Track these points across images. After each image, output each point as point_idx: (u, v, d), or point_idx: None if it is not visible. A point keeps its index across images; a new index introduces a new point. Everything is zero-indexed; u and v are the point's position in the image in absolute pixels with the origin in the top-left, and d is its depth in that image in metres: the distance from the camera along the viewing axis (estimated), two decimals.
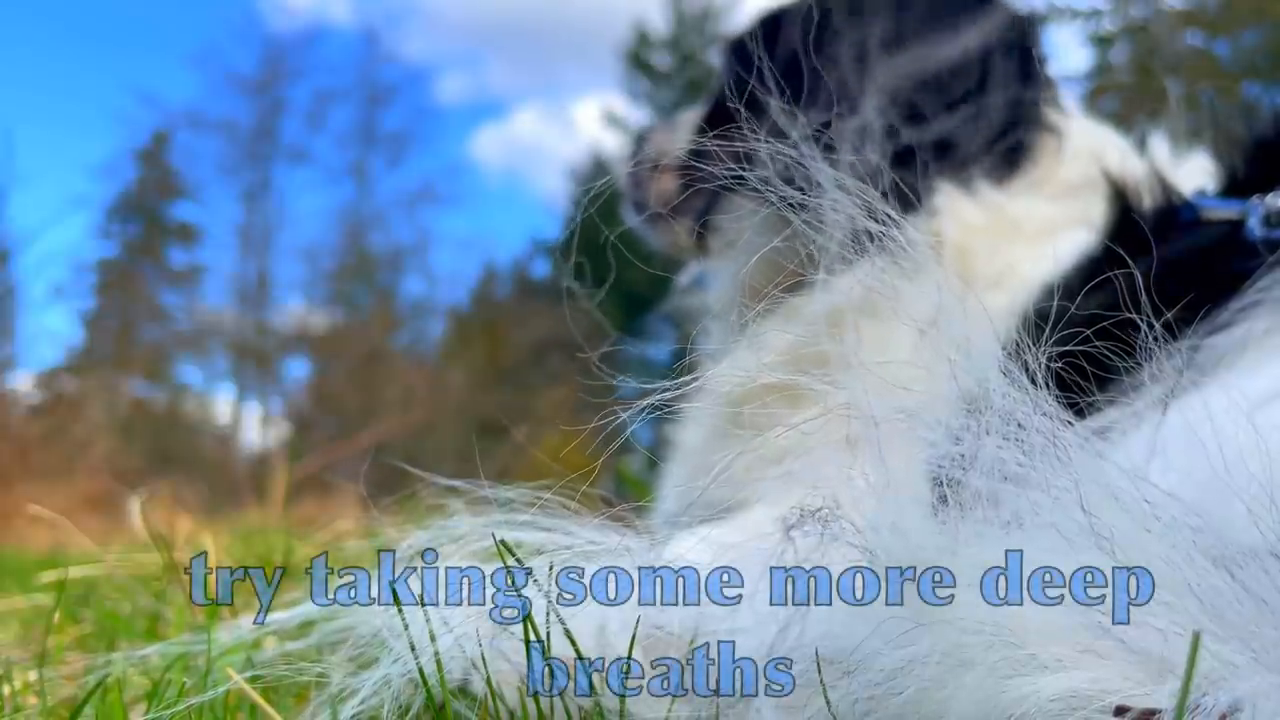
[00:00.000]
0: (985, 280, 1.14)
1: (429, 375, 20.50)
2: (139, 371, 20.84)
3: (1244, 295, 0.78)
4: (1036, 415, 0.58)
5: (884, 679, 0.55)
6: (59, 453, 12.34)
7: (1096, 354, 0.64)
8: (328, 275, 22.57)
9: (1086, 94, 6.09)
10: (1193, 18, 7.35)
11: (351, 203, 22.82)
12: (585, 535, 0.75)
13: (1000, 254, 1.16)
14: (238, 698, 0.84)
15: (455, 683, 0.75)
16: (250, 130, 21.95)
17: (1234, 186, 1.00)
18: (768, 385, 0.70)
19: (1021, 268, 1.12)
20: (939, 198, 1.20)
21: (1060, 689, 0.50)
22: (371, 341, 20.95)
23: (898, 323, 0.65)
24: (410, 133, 23.23)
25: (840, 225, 0.67)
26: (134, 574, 1.71)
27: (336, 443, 14.51)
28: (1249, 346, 0.75)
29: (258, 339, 21.65)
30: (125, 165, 21.69)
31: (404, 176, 28.53)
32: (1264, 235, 0.89)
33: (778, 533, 0.61)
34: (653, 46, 20.58)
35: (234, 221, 22.05)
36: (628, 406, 0.69)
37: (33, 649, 1.17)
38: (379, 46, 27.65)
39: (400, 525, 0.84)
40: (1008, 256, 1.16)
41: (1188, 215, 0.97)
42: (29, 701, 0.96)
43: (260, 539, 2.48)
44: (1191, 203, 0.99)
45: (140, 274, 21.40)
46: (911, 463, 0.60)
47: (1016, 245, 1.17)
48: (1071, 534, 0.53)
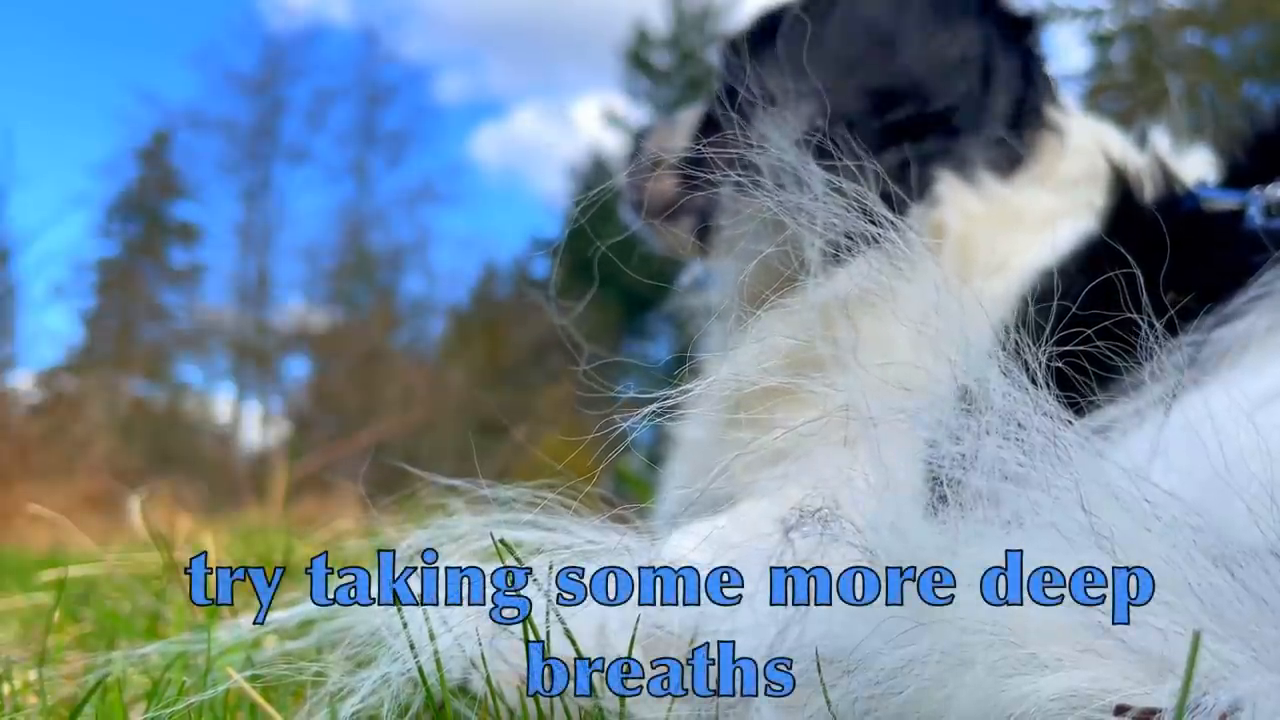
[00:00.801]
0: (985, 268, 1.15)
1: (429, 374, 20.49)
2: (139, 371, 20.84)
3: (1248, 288, 0.77)
4: (1037, 415, 0.58)
5: (884, 678, 0.55)
6: (59, 452, 12.34)
7: (1096, 352, 0.64)
8: (328, 274, 22.58)
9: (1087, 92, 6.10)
10: (1192, 17, 7.35)
11: (351, 202, 22.83)
12: (585, 535, 0.75)
13: (1001, 242, 1.17)
14: (237, 697, 0.84)
15: (455, 682, 0.75)
16: (250, 129, 21.96)
17: (1235, 179, 1.01)
18: (769, 383, 0.70)
19: (1021, 255, 1.13)
20: (941, 187, 1.21)
21: (1060, 688, 0.50)
22: (371, 341, 20.94)
23: (895, 320, 0.64)
24: (410, 132, 23.22)
25: (834, 226, 0.67)
26: (134, 573, 1.71)
27: (336, 442, 14.50)
28: (1250, 345, 0.75)
29: (258, 338, 21.64)
30: (125, 164, 21.70)
31: (404, 176, 28.49)
32: (1264, 224, 0.89)
33: (777, 533, 0.61)
34: (653, 45, 20.58)
35: (234, 221, 22.05)
36: (627, 411, 0.69)
37: (33, 648, 1.17)
38: (378, 46, 27.60)
39: (400, 524, 0.84)
40: (1009, 245, 1.17)
41: (1189, 205, 0.98)
42: (29, 700, 0.96)
43: (260, 538, 2.48)
44: (1193, 193, 0.99)
45: (140, 273, 21.40)
46: (910, 461, 0.60)
47: (1018, 234, 1.18)
48: (1072, 533, 0.53)
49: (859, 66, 1.29)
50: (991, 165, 1.23)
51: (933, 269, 0.66)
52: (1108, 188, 1.04)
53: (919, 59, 1.27)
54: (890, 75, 1.27)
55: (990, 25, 1.32)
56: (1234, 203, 0.94)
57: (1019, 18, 1.35)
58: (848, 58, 1.29)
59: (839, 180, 0.67)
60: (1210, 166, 1.11)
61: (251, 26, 32.30)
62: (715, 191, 0.72)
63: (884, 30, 1.30)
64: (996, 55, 1.29)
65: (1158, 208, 0.98)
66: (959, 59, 1.27)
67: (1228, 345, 0.76)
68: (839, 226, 0.67)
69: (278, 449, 18.57)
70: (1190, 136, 1.22)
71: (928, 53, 1.27)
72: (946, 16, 1.31)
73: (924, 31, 1.30)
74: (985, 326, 0.65)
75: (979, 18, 1.32)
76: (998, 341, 0.61)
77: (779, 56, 1.25)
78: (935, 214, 1.20)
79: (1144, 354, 0.63)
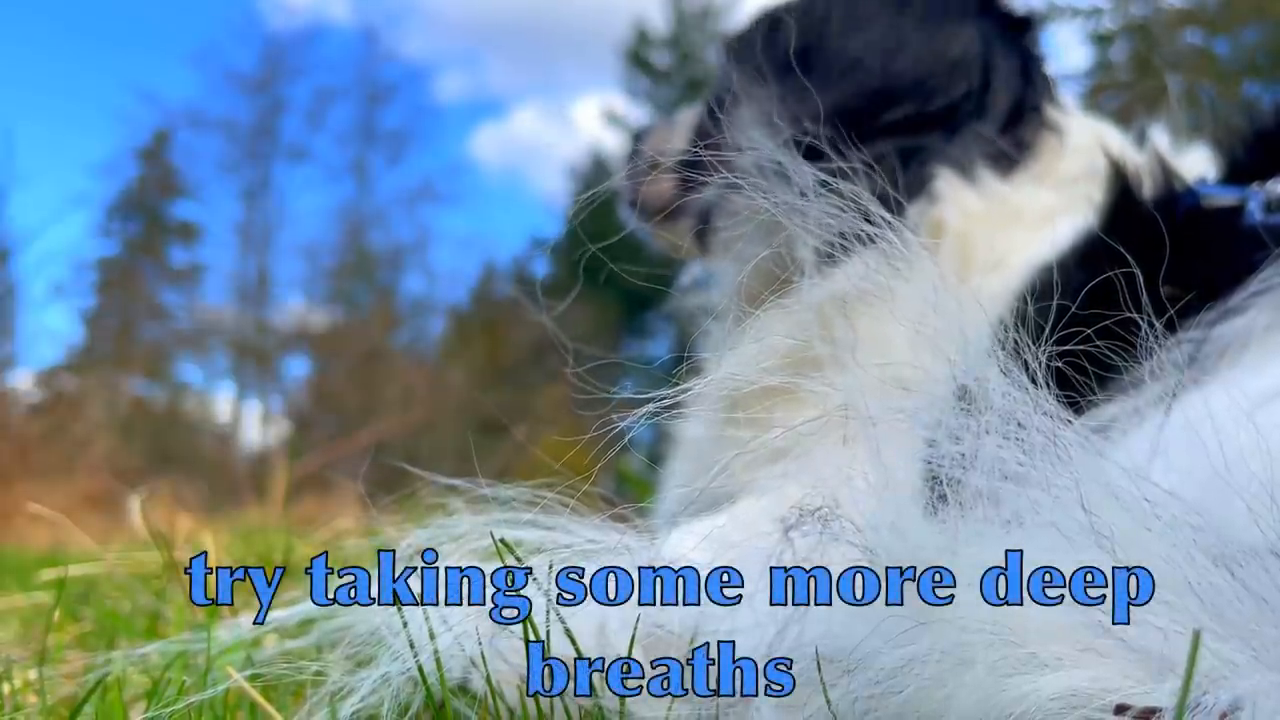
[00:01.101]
0: (984, 265, 1.16)
1: (429, 374, 20.49)
2: (139, 370, 20.83)
3: (1248, 285, 0.77)
4: (1037, 414, 0.58)
5: (884, 678, 0.54)
6: (59, 451, 12.34)
7: (1095, 351, 0.64)
8: (327, 273, 22.58)
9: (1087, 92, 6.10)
10: (1192, 16, 7.35)
11: (351, 201, 22.82)
12: (585, 534, 0.75)
13: (1000, 240, 1.18)
14: (237, 696, 0.84)
15: (455, 681, 0.75)
16: (250, 129, 21.95)
17: (1235, 176, 1.01)
18: (768, 382, 0.70)
19: (1020, 252, 1.13)
20: (940, 184, 1.22)
21: (1060, 687, 0.50)
22: (371, 340, 20.94)
23: (892, 319, 0.64)
24: (410, 131, 23.23)
25: (830, 227, 0.67)
26: (134, 572, 1.71)
27: (336, 441, 14.50)
28: (1250, 343, 0.75)
29: (258, 337, 21.64)
30: (126, 164, 21.69)
31: (404, 175, 28.54)
32: (1263, 220, 0.89)
33: (777, 532, 0.61)
34: (653, 45, 20.58)
35: (234, 220, 22.04)
36: (623, 411, 0.69)
37: (33, 647, 1.17)
38: (378, 45, 27.60)
39: (400, 524, 0.84)
40: (1007, 242, 1.17)
41: (1188, 201, 0.98)
42: (29, 700, 0.96)
43: (260, 537, 2.48)
44: (1193, 189, 1.00)
45: (140, 272, 21.39)
46: (909, 460, 0.60)
47: (1016, 231, 1.18)
48: (1072, 533, 0.53)
49: (859, 66, 1.29)
50: (991, 163, 1.24)
51: (930, 268, 0.66)
52: (1106, 184, 1.04)
53: (919, 58, 1.28)
54: (889, 75, 1.27)
55: (990, 24, 1.32)
56: (1234, 199, 0.94)
57: (1018, 17, 1.35)
58: (847, 57, 1.29)
59: (835, 181, 0.67)
60: (1209, 164, 1.11)
61: (251, 26, 32.33)
62: (712, 193, 0.72)
63: (883, 30, 1.30)
64: (996, 55, 1.29)
65: (1155, 203, 0.99)
66: (959, 58, 1.27)
67: (1227, 342, 0.76)
68: (834, 226, 0.67)
69: (278, 448, 18.57)
70: (1189, 135, 1.22)
71: (928, 52, 1.27)
72: (946, 16, 1.31)
73: (923, 31, 1.30)
74: (983, 325, 0.65)
75: (978, 17, 1.32)
76: (996, 339, 0.61)
77: (777, 57, 1.26)
78: (934, 211, 1.21)
79: (1143, 351, 0.63)
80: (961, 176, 1.23)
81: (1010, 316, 0.62)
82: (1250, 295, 0.77)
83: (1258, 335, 0.75)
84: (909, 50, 1.28)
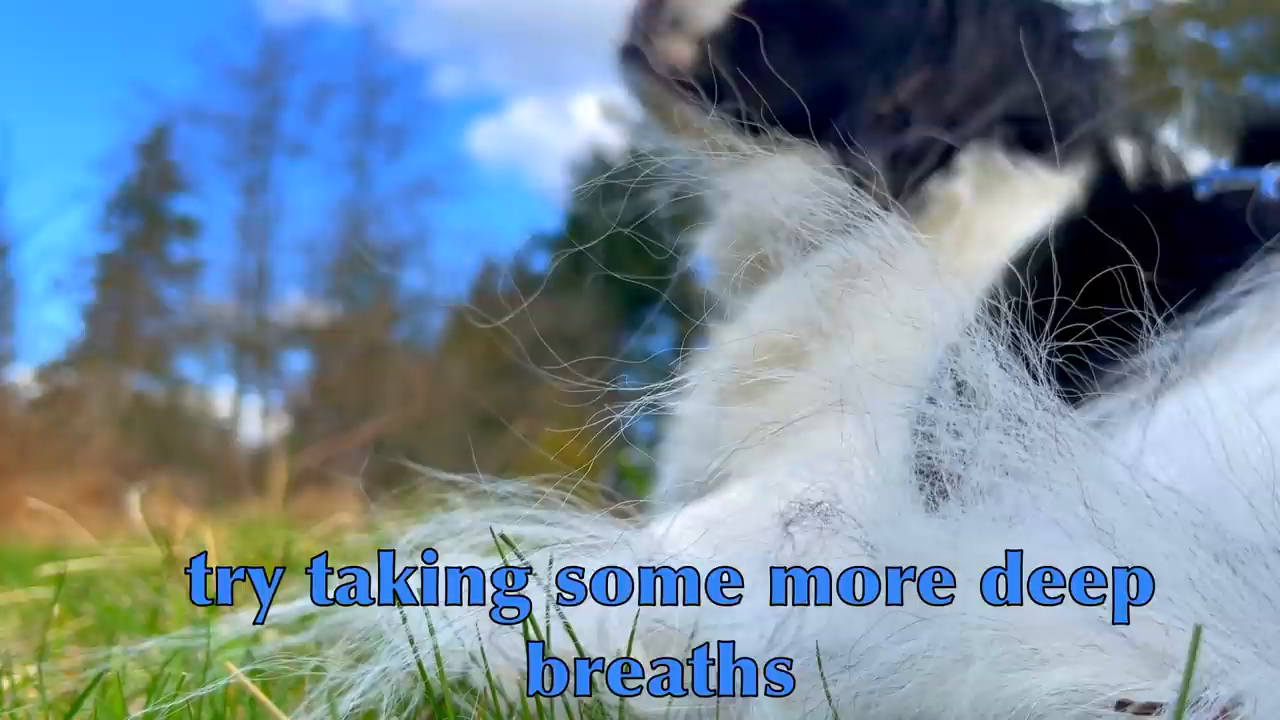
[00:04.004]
0: (979, 240, 1.21)
1: (429, 369, 20.48)
2: (139, 365, 20.81)
3: (1233, 284, 0.77)
4: (1037, 410, 0.58)
5: (885, 673, 0.54)
6: (59, 446, 12.33)
7: (1085, 341, 0.64)
8: (327, 268, 22.56)
9: None
10: (1193, 11, 7.35)
11: (350, 196, 22.79)
12: (585, 529, 0.75)
13: (997, 215, 1.23)
14: (237, 692, 0.84)
15: (455, 676, 0.75)
16: (249, 123, 21.87)
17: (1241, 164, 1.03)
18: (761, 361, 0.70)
19: (1013, 227, 1.18)
20: (963, 159, 1.27)
21: (1061, 683, 0.50)
22: (371, 335, 20.92)
23: (885, 299, 0.64)
24: (409, 126, 23.17)
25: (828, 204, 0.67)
26: (134, 568, 1.71)
27: (336, 436, 14.49)
28: (1240, 340, 0.75)
29: (257, 332, 21.62)
30: (124, 158, 21.64)
31: (403, 170, 28.44)
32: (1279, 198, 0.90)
33: (776, 527, 0.61)
34: None
35: (233, 215, 21.99)
36: (625, 405, 0.69)
37: (32, 643, 1.17)
38: (376, 40, 27.58)
39: (400, 519, 0.84)
40: (1004, 217, 1.22)
41: (1176, 185, 1.01)
42: (29, 695, 0.96)
43: (260, 532, 2.48)
44: (1204, 174, 1.01)
45: (140, 267, 21.37)
46: (896, 435, 0.59)
47: (1016, 207, 1.23)
48: (1072, 529, 0.53)
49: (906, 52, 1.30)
50: (1007, 144, 1.28)
51: (923, 249, 0.66)
52: (1092, 163, 1.06)
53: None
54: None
55: None
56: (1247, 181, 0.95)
57: None
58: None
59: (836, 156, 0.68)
60: (1208, 156, 1.14)
61: (250, 20, 32.04)
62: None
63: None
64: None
65: (1140, 183, 1.01)
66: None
67: (1215, 343, 0.75)
68: (833, 203, 0.67)
69: (278, 443, 18.55)
70: (1191, 130, 1.23)
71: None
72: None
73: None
74: (973, 302, 0.65)
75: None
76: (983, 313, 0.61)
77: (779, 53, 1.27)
78: (951, 187, 1.26)
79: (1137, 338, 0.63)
80: (981, 152, 1.27)
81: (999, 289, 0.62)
82: (1237, 295, 0.76)
83: (1246, 335, 0.75)
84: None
